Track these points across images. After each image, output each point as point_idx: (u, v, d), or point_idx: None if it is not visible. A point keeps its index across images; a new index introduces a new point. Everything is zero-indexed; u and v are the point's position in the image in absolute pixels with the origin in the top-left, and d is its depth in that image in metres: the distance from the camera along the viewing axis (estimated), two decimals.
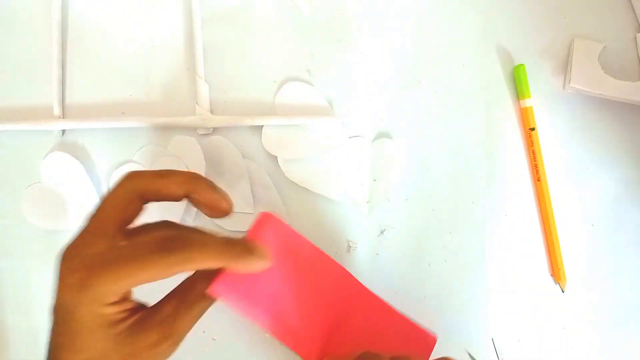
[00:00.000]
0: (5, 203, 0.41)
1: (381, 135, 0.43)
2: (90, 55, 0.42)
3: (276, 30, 0.43)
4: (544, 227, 0.42)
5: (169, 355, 0.29)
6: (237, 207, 0.40)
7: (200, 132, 0.41)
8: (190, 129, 0.41)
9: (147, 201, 0.29)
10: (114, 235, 0.28)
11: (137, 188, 0.29)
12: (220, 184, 0.40)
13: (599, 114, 0.44)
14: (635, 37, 0.44)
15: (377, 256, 0.41)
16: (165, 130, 0.41)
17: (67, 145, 0.41)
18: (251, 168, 0.41)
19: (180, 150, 0.41)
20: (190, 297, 0.29)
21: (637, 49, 0.44)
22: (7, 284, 0.40)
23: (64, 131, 0.41)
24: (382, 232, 0.42)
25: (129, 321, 0.28)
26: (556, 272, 0.42)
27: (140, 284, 0.27)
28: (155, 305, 0.29)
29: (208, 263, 0.27)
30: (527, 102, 0.43)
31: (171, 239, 0.27)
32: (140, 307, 0.29)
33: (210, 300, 0.30)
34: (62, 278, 0.27)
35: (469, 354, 0.41)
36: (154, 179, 0.29)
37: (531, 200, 0.43)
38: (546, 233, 0.42)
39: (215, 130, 0.41)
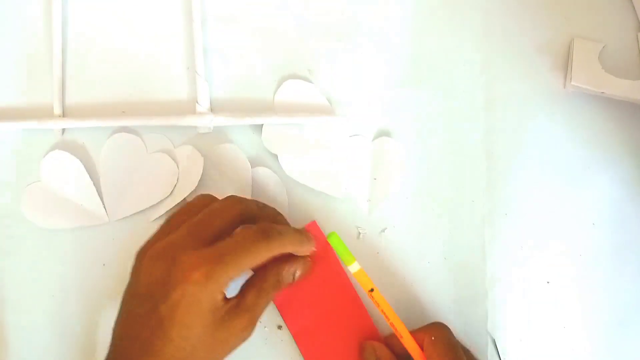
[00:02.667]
0: (5, 203, 0.41)
1: (381, 133, 0.43)
2: (90, 55, 0.42)
3: (276, 29, 0.43)
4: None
5: (248, 337, 0.34)
6: None
7: (201, 131, 0.41)
8: (191, 128, 0.41)
9: (241, 223, 0.35)
10: (211, 243, 0.32)
11: (244, 213, 0.34)
12: (222, 187, 0.41)
13: (600, 112, 0.44)
14: (637, 36, 0.44)
15: (378, 254, 0.41)
16: (166, 129, 0.41)
17: (67, 144, 0.41)
18: (262, 173, 0.41)
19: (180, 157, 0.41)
20: (266, 287, 0.34)
21: (638, 48, 0.44)
22: (7, 284, 0.40)
23: (64, 130, 0.41)
24: (382, 231, 0.42)
25: (225, 308, 0.32)
26: None
27: (246, 270, 0.33)
28: (239, 295, 0.34)
29: (289, 248, 0.35)
30: (354, 267, 0.37)
31: (266, 230, 0.33)
32: (226, 298, 0.33)
33: (278, 290, 0.35)
34: (183, 274, 0.30)
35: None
36: (254, 209, 0.35)
37: (531, 200, 0.43)
38: None
39: (215, 129, 0.41)
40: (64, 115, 0.41)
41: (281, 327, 0.40)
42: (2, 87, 0.42)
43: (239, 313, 0.32)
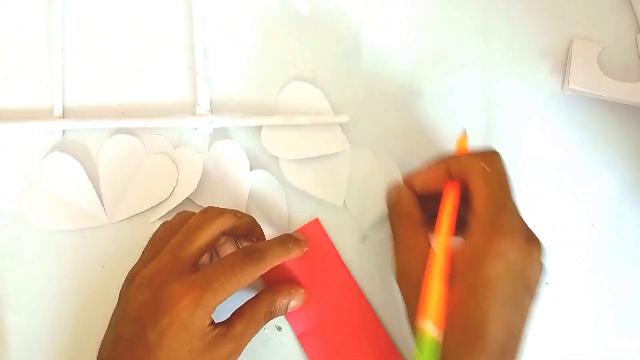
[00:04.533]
0: (5, 203, 0.41)
1: (381, 134, 0.43)
2: (90, 56, 0.42)
3: (276, 29, 0.43)
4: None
5: None
6: None
7: (201, 132, 0.41)
8: (190, 129, 0.41)
9: (222, 235, 0.35)
10: (196, 261, 0.33)
11: (223, 225, 0.34)
12: (219, 188, 0.41)
13: (598, 115, 0.44)
14: (636, 38, 0.44)
15: (377, 256, 0.41)
16: (165, 130, 0.41)
17: (67, 145, 0.41)
18: (261, 175, 0.41)
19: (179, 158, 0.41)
20: (256, 317, 0.35)
21: (637, 50, 0.44)
22: (7, 284, 0.40)
23: (64, 131, 0.41)
24: (383, 234, 0.42)
25: (212, 334, 0.32)
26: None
27: (234, 292, 0.32)
28: (228, 321, 0.34)
29: (277, 262, 0.35)
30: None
31: (251, 251, 0.34)
32: (213, 323, 0.33)
33: (269, 320, 0.36)
34: (172, 300, 0.31)
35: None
36: (233, 220, 0.35)
37: (531, 200, 0.43)
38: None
39: (215, 130, 0.41)
40: (63, 116, 0.41)
41: (281, 328, 0.40)
42: (2, 87, 0.42)
43: (225, 341, 0.32)
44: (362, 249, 0.41)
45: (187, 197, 0.40)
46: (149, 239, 0.36)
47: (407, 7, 0.44)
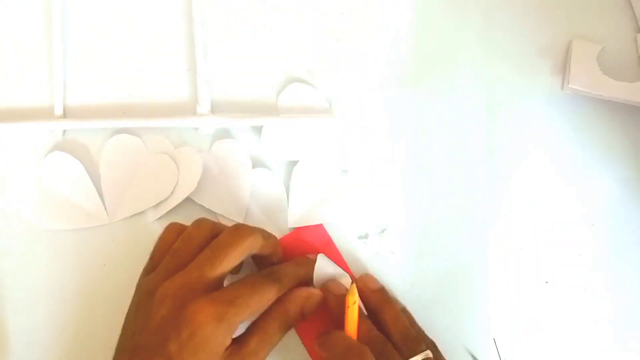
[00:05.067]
0: (5, 203, 0.40)
1: (381, 134, 0.43)
2: (90, 55, 0.42)
3: (277, 29, 0.43)
4: None
5: None
6: (227, 213, 0.40)
7: (201, 132, 0.41)
8: (191, 129, 0.41)
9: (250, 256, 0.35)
10: (222, 280, 0.33)
11: (253, 247, 0.34)
12: (220, 187, 0.41)
13: (598, 114, 0.44)
14: (635, 38, 0.44)
15: (377, 255, 0.41)
16: (166, 130, 0.41)
17: (67, 144, 0.41)
18: (262, 175, 0.41)
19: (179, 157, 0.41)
20: (269, 330, 0.34)
21: (636, 50, 0.44)
22: (7, 284, 0.40)
23: (64, 131, 0.41)
24: (382, 232, 0.42)
25: (229, 351, 0.32)
26: None
27: (257, 313, 0.33)
28: (240, 338, 0.33)
29: (295, 284, 0.35)
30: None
31: (271, 272, 0.35)
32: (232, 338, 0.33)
33: (285, 331, 0.35)
34: (196, 315, 0.30)
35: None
36: (262, 241, 0.35)
37: (531, 200, 0.43)
38: None
39: (215, 130, 0.41)
40: (64, 116, 0.41)
41: None
42: (2, 87, 0.42)
43: (239, 359, 0.32)
44: (362, 250, 0.41)
45: (188, 197, 0.40)
46: (157, 240, 0.36)
47: (407, 7, 0.44)
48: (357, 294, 0.36)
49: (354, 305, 0.35)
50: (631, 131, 0.44)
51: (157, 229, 0.38)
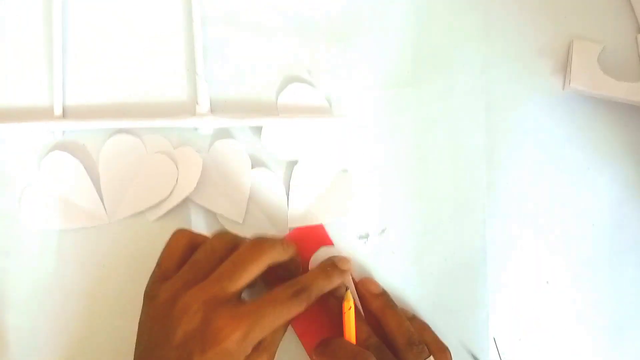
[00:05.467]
0: (5, 203, 0.41)
1: (381, 134, 0.43)
2: (90, 55, 0.42)
3: (277, 29, 0.43)
4: None
5: None
6: (226, 213, 0.40)
7: (201, 132, 0.41)
8: (190, 129, 0.41)
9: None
10: (241, 292, 0.33)
11: (273, 259, 0.34)
12: (220, 187, 0.41)
13: (599, 114, 0.44)
14: (636, 38, 0.44)
15: (378, 255, 0.41)
16: (165, 130, 0.41)
17: (67, 145, 0.41)
18: (262, 175, 0.41)
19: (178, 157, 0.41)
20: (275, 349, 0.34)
21: (637, 50, 0.44)
22: (7, 284, 0.40)
23: (64, 131, 0.41)
24: (382, 232, 0.42)
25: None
26: None
27: (280, 327, 0.33)
28: (254, 353, 0.33)
29: (320, 295, 0.35)
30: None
31: (297, 286, 0.34)
32: None
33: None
34: (221, 332, 0.31)
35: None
36: (282, 252, 0.35)
37: (531, 200, 0.43)
38: None
39: (215, 130, 0.41)
40: (64, 116, 0.41)
41: None
42: (2, 87, 0.42)
43: (258, 355, 0.33)
44: (362, 250, 0.41)
45: (187, 197, 0.40)
46: (165, 246, 0.35)
47: (407, 6, 0.44)
48: (352, 300, 0.36)
49: (349, 310, 0.36)
50: (631, 131, 0.44)
51: (157, 229, 0.38)
